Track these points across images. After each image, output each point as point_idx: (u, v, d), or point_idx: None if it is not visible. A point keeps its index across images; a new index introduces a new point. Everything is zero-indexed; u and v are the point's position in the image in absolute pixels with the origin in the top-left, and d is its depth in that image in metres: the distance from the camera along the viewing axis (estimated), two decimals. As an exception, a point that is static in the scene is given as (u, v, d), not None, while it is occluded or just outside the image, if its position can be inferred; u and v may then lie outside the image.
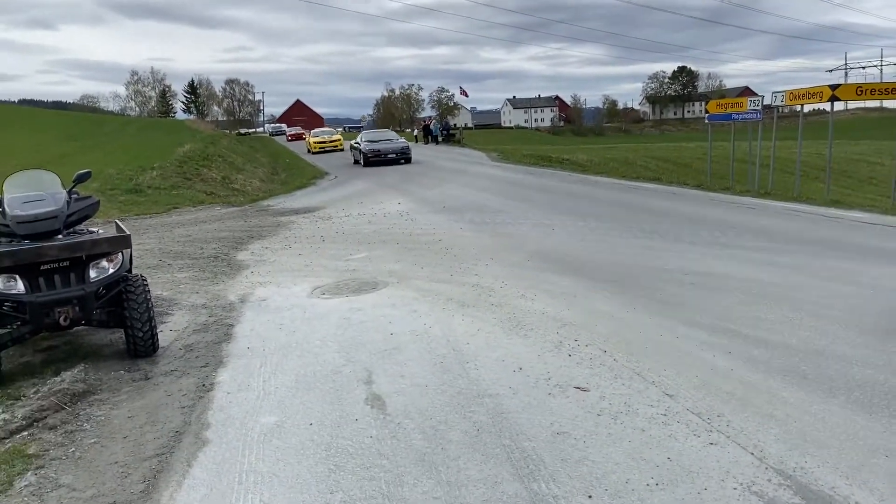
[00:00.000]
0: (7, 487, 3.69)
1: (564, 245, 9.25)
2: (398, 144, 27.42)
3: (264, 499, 3.39)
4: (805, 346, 4.91)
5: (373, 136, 29.58)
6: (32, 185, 5.75)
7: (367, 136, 29.01)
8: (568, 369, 4.78)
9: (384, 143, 27.44)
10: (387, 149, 26.72)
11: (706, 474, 3.32)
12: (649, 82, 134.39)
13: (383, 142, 27.89)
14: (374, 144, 27.07)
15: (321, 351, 5.53)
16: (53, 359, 5.84)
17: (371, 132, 31.45)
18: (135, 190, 17.92)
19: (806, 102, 13.72)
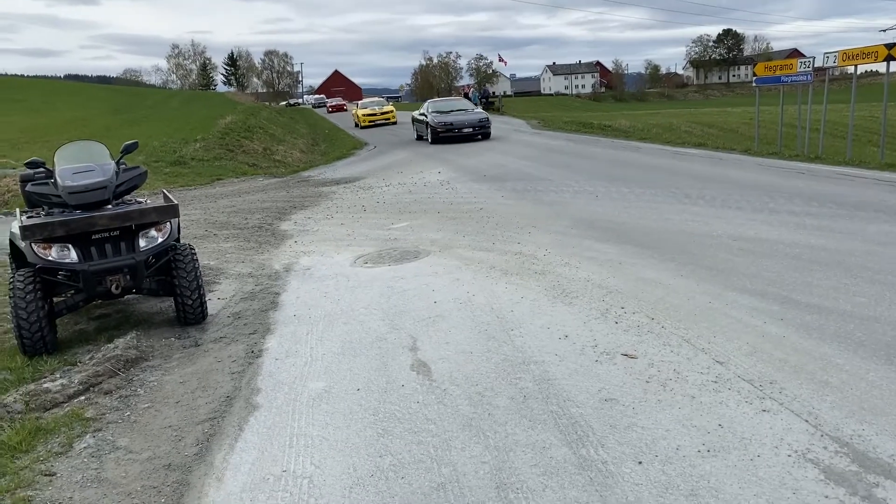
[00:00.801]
0: (67, 449, 3.81)
1: (608, 212, 9.12)
2: (475, 116, 22.39)
3: (315, 461, 3.44)
4: (860, 312, 4.77)
5: (442, 105, 24.21)
6: (82, 156, 5.86)
7: (434, 107, 23.71)
8: (615, 336, 4.73)
9: (457, 115, 22.43)
10: (461, 121, 21.80)
11: (759, 441, 3.27)
12: (693, 46, 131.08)
13: (456, 113, 22.79)
14: (445, 116, 22.19)
15: (366, 318, 5.57)
16: (106, 326, 6.00)
17: (439, 101, 25.52)
18: (179, 162, 18.19)
19: (860, 63, 13.21)
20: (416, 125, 24.50)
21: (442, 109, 23.16)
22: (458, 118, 22.02)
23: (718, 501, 2.85)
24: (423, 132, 23.24)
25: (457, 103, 24.94)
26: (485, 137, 21.82)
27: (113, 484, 3.45)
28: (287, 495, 3.18)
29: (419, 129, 23.82)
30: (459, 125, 21.63)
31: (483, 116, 22.37)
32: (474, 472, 3.22)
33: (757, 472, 3.02)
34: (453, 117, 22.06)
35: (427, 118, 22.34)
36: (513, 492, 3.04)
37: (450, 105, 24.29)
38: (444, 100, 26.78)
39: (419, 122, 23.70)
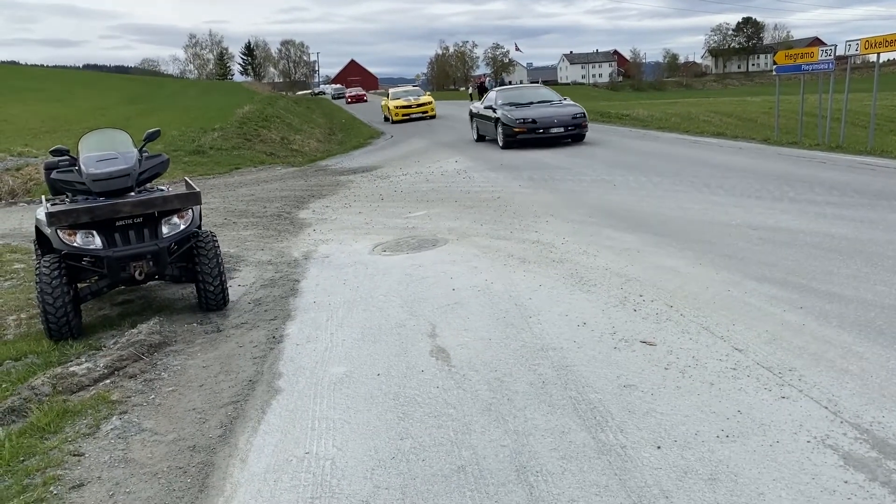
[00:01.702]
0: (95, 430, 3.90)
1: (626, 201, 9.10)
2: (565, 109, 16.26)
3: (336, 444, 3.49)
4: (881, 300, 4.75)
5: (515, 94, 17.71)
6: (105, 143, 5.93)
7: (504, 96, 17.44)
8: (633, 324, 4.74)
9: (540, 109, 16.26)
10: (546, 117, 15.78)
11: (778, 427, 3.28)
12: (712, 35, 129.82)
13: (538, 106, 16.56)
14: (523, 110, 16.12)
15: (385, 305, 5.62)
16: (129, 312, 6.09)
17: (510, 89, 19.08)
18: (197, 151, 18.32)
19: (883, 51, 13.04)
20: (476, 122, 18.54)
21: (516, 100, 16.94)
22: (542, 112, 15.96)
23: (737, 486, 2.87)
24: (487, 132, 17.45)
25: (536, 91, 18.50)
26: (577, 140, 16.16)
27: (140, 464, 3.52)
28: (310, 476, 3.23)
29: (482, 127, 17.95)
30: (545, 122, 15.58)
31: (578, 111, 16.12)
32: (494, 456, 3.25)
33: (776, 458, 3.04)
34: (535, 111, 16.02)
35: (496, 113, 16.44)
36: (532, 475, 3.07)
37: (527, 94, 17.86)
38: (518, 87, 20.30)
39: (482, 119, 17.82)
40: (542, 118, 15.77)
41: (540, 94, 18.08)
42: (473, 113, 18.99)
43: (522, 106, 16.50)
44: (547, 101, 17.09)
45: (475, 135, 18.69)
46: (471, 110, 19.36)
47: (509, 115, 15.95)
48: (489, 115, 17.04)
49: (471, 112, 19.34)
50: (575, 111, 16.18)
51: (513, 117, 15.82)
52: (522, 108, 16.36)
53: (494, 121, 16.54)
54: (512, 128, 15.69)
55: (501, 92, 18.15)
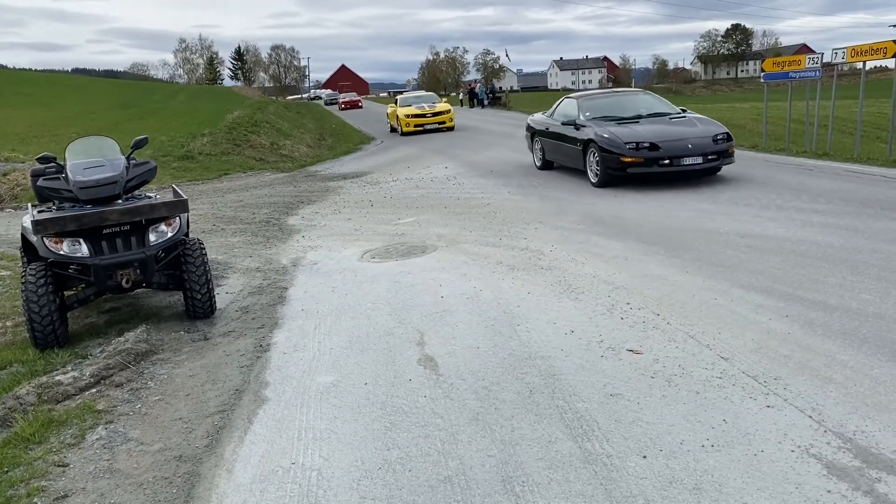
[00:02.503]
0: (80, 440, 3.88)
1: (614, 208, 9.14)
2: (700, 129, 10.73)
3: (323, 454, 3.49)
4: (865, 309, 4.79)
5: (608, 104, 12.26)
6: (93, 151, 5.92)
7: (592, 107, 12.00)
8: (620, 332, 4.76)
9: (658, 126, 10.79)
10: (674, 140, 10.31)
11: (763, 437, 3.30)
12: (701, 41, 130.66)
13: (651, 121, 11.09)
14: (632, 129, 10.63)
15: (373, 313, 5.61)
16: (116, 320, 6.06)
17: (598, 96, 13.12)
18: (186, 156, 18.27)
19: (869, 59, 13.15)
20: (540, 142, 13.17)
21: (613, 112, 11.61)
22: (665, 133, 10.45)
23: (722, 495, 2.88)
24: (564, 158, 12.18)
25: (636, 98, 12.58)
26: (713, 172, 10.72)
27: (125, 475, 3.50)
28: (296, 487, 3.23)
29: (552, 150, 12.69)
30: (674, 148, 10.10)
31: (718, 130, 10.62)
32: (480, 466, 3.26)
33: (760, 467, 3.06)
34: (650, 129, 10.52)
35: (585, 131, 11.05)
36: (518, 485, 3.08)
37: (625, 102, 12.21)
38: (607, 93, 13.79)
39: (554, 139, 12.42)
40: (666, 141, 10.11)
41: (644, 103, 12.14)
42: (537, 129, 13.34)
43: (626, 122, 10.97)
44: (661, 115, 11.42)
45: (538, 159, 13.36)
46: (529, 124, 13.93)
47: (614, 136, 10.30)
48: (569, 133, 11.55)
49: (530, 127, 13.85)
50: (715, 130, 10.53)
51: (620, 139, 10.18)
52: (627, 124, 10.84)
53: (582, 143, 11.04)
54: (619, 156, 10.11)
55: (586, 100, 12.22)
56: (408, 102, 26.62)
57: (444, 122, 24.96)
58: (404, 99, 27.56)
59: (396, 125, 25.73)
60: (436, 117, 24.88)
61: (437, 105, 25.72)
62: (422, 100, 27.15)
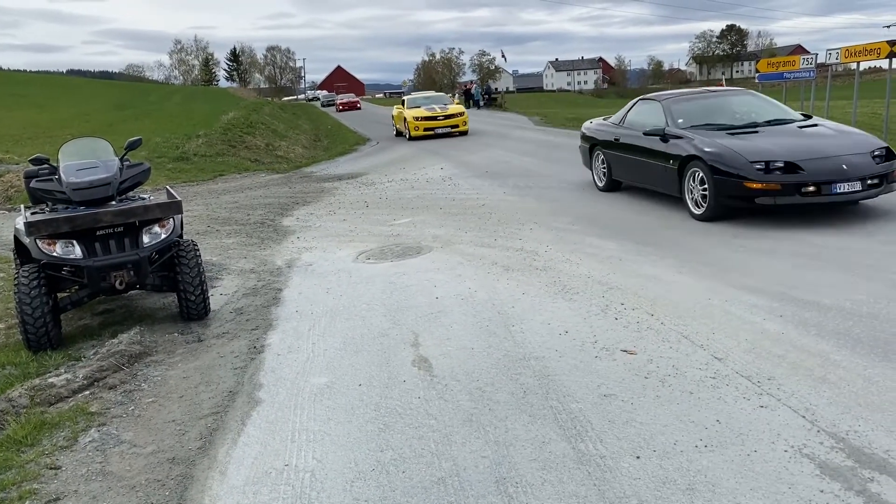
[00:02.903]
0: (72, 443, 3.86)
1: (609, 209, 9.15)
2: (849, 140, 7.77)
3: (317, 456, 3.48)
4: (859, 309, 4.80)
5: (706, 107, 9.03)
6: (86, 152, 5.90)
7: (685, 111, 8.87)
8: (614, 332, 4.76)
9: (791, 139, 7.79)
10: (819, 157, 7.31)
11: (756, 437, 3.30)
12: (696, 42, 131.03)
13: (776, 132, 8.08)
14: (754, 142, 7.68)
15: (368, 314, 5.61)
16: (110, 322, 6.05)
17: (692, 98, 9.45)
18: (181, 158, 18.22)
19: (863, 60, 13.21)
20: (603, 155, 10.36)
21: (716, 119, 8.69)
22: (803, 146, 7.60)
23: (715, 496, 2.88)
24: (644, 177, 9.32)
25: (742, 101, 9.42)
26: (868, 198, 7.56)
27: (117, 477, 3.49)
28: (289, 489, 3.22)
29: (626, 166, 9.76)
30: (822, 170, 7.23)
31: (875, 142, 7.85)
32: (474, 467, 3.26)
33: (753, 468, 3.06)
34: (778, 141, 7.76)
35: (683, 144, 8.21)
36: (512, 486, 3.08)
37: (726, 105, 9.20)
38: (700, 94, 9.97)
39: (635, 155, 9.36)
40: (809, 160, 7.33)
41: (753, 105, 9.16)
42: (599, 140, 10.47)
43: (740, 132, 8.12)
44: (783, 122, 8.58)
45: (600, 178, 10.46)
46: (587, 134, 11.08)
47: (733, 153, 7.52)
48: (654, 147, 8.67)
49: (588, 137, 10.94)
50: (872, 143, 7.74)
51: (742, 157, 7.42)
52: (742, 135, 8.01)
53: (678, 161, 8.11)
54: (741, 180, 7.34)
55: (677, 102, 9.11)
56: (416, 104, 24.10)
57: (456, 126, 22.49)
58: (412, 100, 24.95)
59: (403, 128, 23.56)
60: (448, 120, 22.45)
61: (450, 107, 23.46)
62: (431, 101, 24.55)
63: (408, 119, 22.75)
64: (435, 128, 22.36)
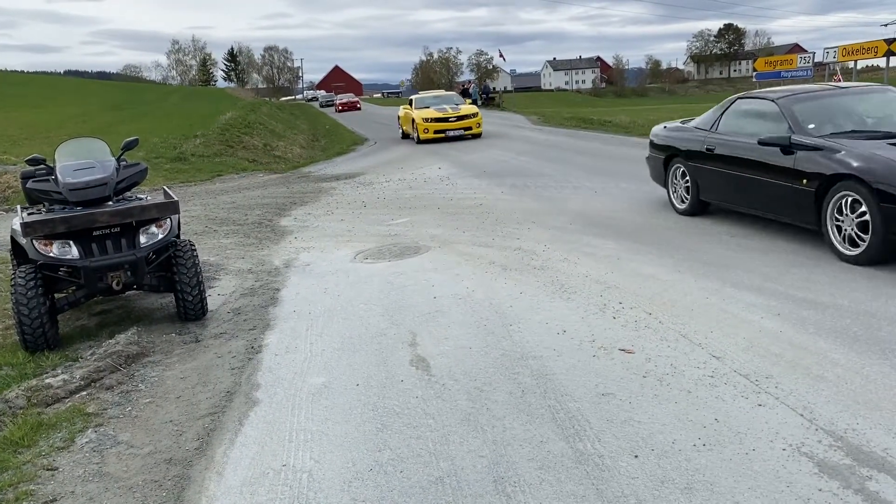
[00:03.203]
0: (69, 444, 3.85)
1: (607, 208, 9.14)
2: None
3: (314, 456, 3.47)
4: (857, 307, 4.80)
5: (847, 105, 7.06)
6: (82, 152, 5.89)
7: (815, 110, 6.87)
8: (612, 331, 4.76)
9: None
10: None
11: (754, 435, 3.30)
12: (694, 41, 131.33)
13: None
14: None
15: (365, 314, 5.60)
16: (107, 322, 6.03)
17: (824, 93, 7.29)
18: (179, 158, 18.20)
19: (860, 58, 13.23)
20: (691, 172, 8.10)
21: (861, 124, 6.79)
22: None
23: (713, 495, 2.88)
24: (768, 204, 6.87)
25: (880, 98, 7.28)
26: None
27: (114, 478, 3.48)
28: (287, 489, 3.21)
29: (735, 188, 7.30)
30: None
31: None
32: (472, 467, 3.25)
33: (752, 466, 3.06)
34: None
35: (823, 160, 6.07)
36: (510, 485, 3.07)
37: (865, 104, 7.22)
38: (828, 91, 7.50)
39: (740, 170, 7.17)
40: None
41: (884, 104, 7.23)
42: (680, 150, 8.40)
43: None
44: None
45: (681, 198, 8.45)
46: (655, 140, 9.26)
47: None
48: (771, 160, 6.72)
49: (662, 146, 8.93)
50: None
51: None
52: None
53: (815, 181, 6.17)
54: None
55: (799, 101, 7.10)
56: (425, 104, 22.17)
57: (469, 128, 20.74)
58: (421, 100, 22.98)
59: (411, 130, 21.84)
60: (461, 122, 20.75)
61: (462, 107, 21.66)
62: (442, 100, 22.54)
63: (416, 120, 20.96)
64: (446, 130, 20.58)
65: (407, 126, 22.67)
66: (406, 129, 22.88)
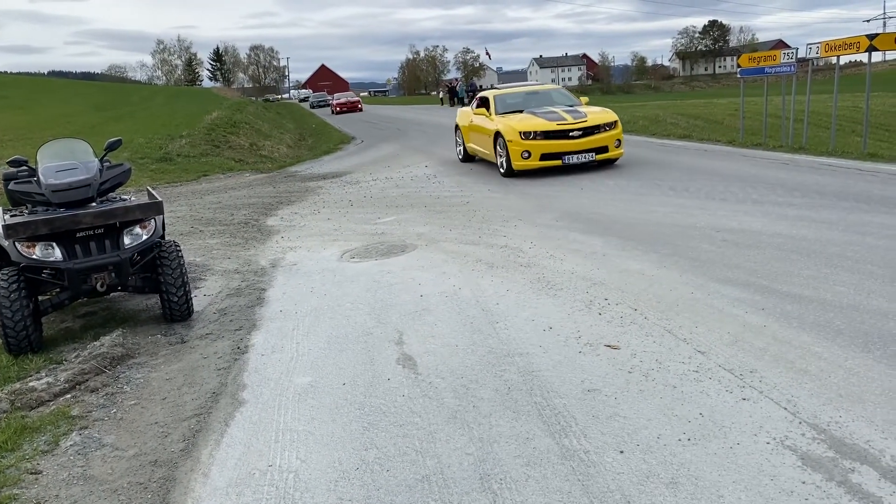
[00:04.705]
0: (53, 447, 3.82)
1: (593, 205, 9.17)
2: None
3: (300, 456, 3.46)
4: (840, 300, 4.84)
5: None
6: (65, 153, 5.84)
7: None
8: (598, 328, 4.77)
9: None
10: None
11: (739, 429, 3.32)
12: (679, 37, 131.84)
13: None
14: None
15: (352, 313, 5.59)
16: (92, 324, 5.99)
17: None
18: (165, 158, 18.09)
19: (842, 54, 13.28)
20: None
21: None
22: None
23: (698, 489, 2.89)
24: None
25: None
26: None
27: (99, 481, 3.46)
28: (273, 490, 3.20)
29: None
30: None
31: None
32: (458, 464, 3.25)
33: (736, 460, 3.07)
34: None
35: None
36: (496, 482, 3.08)
37: None
38: None
39: None
40: None
41: None
42: None
43: None
44: None
45: None
46: None
47: None
48: None
49: None
50: None
51: None
52: None
53: None
54: None
55: None
56: (515, 105, 12.99)
57: (604, 149, 11.81)
58: (505, 98, 13.41)
59: (489, 150, 12.77)
60: (590, 138, 11.70)
61: (589, 114, 12.06)
62: (543, 98, 13.37)
63: (506, 134, 11.82)
64: (565, 153, 11.56)
65: (479, 143, 13.48)
66: (476, 148, 13.74)
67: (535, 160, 11.61)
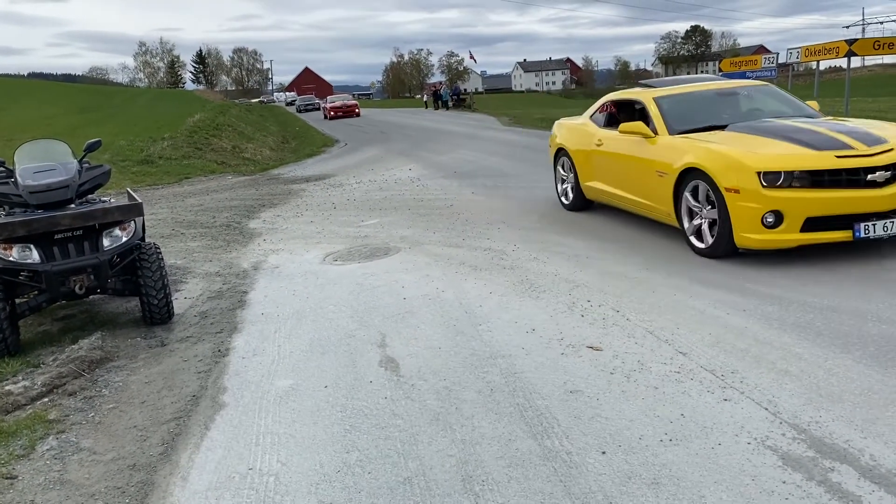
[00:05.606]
0: (30, 451, 3.76)
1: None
2: None
3: (281, 459, 3.43)
4: (820, 302, 4.87)
5: None
6: (43, 154, 5.77)
7: None
8: (580, 329, 4.78)
9: None
10: None
11: (720, 430, 3.33)
12: (662, 42, 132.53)
13: None
14: None
15: (335, 316, 5.56)
16: (71, 327, 5.92)
17: None
18: (146, 161, 17.94)
19: (822, 59, 13.47)
20: None
21: None
22: None
23: (679, 489, 2.90)
24: None
25: None
26: None
27: (76, 485, 3.41)
28: (253, 493, 3.17)
29: None
30: None
31: None
32: (440, 466, 3.24)
33: (717, 460, 3.08)
34: None
35: None
36: (478, 484, 3.06)
37: None
38: None
39: None
40: None
41: None
42: None
43: None
44: None
45: None
46: None
47: None
48: None
49: None
50: None
51: None
52: None
53: None
54: None
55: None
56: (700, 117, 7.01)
57: None
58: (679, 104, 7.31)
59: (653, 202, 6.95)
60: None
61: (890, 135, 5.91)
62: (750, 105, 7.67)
63: (721, 174, 5.81)
64: (860, 217, 5.58)
65: (625, 184, 7.62)
66: (616, 193, 7.87)
67: (791, 231, 5.68)
